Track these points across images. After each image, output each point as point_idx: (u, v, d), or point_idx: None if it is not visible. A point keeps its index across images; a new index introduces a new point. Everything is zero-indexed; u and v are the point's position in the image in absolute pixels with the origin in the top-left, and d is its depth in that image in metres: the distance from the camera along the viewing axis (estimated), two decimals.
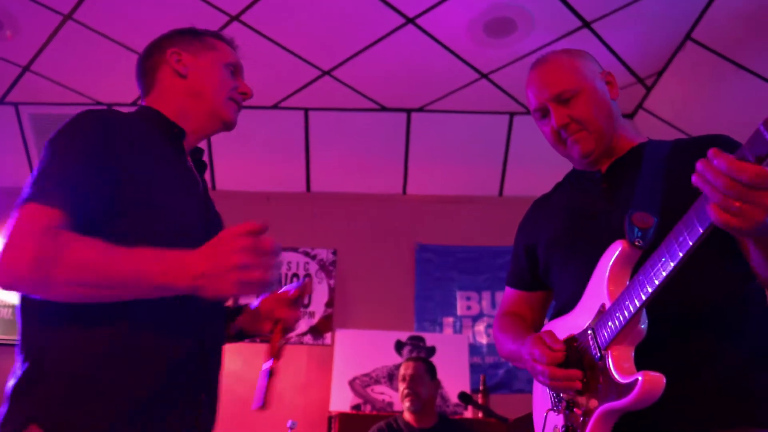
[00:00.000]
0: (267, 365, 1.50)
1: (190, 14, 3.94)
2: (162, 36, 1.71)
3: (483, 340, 4.84)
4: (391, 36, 4.10)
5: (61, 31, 4.10)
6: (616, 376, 1.38)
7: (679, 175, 1.53)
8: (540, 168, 5.01)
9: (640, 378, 1.31)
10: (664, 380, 1.30)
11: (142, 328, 1.33)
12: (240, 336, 1.70)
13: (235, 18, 3.97)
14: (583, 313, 1.55)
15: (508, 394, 4.65)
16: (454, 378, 4.55)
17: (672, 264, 1.23)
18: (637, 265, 1.44)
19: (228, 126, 1.68)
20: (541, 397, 1.69)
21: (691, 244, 1.18)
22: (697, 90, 4.33)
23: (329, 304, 4.94)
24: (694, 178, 1.11)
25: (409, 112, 4.91)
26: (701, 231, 1.15)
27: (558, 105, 1.65)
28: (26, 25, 4.04)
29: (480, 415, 4.31)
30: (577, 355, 1.52)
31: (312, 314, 4.90)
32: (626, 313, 1.35)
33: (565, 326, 1.61)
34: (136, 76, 1.70)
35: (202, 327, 1.45)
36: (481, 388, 4.56)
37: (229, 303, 1.70)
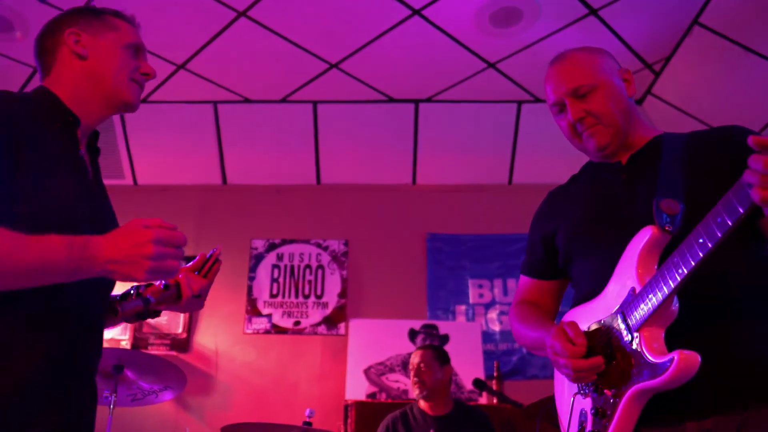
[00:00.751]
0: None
1: (197, 10, 3.97)
2: (60, 15, 1.66)
3: (496, 327, 4.88)
4: (398, 27, 4.12)
5: None
6: (648, 356, 1.41)
7: (700, 165, 1.60)
8: (549, 156, 5.05)
9: (675, 356, 1.34)
10: (699, 358, 1.33)
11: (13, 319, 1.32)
12: (147, 303, 1.54)
13: (242, 14, 4.00)
14: (611, 297, 1.58)
15: (522, 380, 4.69)
16: (468, 365, 4.59)
17: (710, 244, 1.27)
18: (665, 250, 1.47)
19: (130, 107, 1.64)
20: (565, 382, 1.72)
21: (730, 224, 1.21)
22: (705, 74, 4.32)
23: (342, 295, 4.99)
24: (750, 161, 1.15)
25: (417, 102, 4.93)
26: (741, 211, 1.19)
27: (575, 99, 1.70)
28: (36, 26, 4.07)
29: (495, 401, 4.36)
30: (605, 338, 1.55)
31: (325, 305, 4.95)
32: (660, 295, 1.39)
33: (590, 312, 1.64)
34: (34, 55, 1.64)
35: (76, 318, 1.45)
36: (495, 374, 4.61)
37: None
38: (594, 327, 1.60)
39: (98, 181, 1.63)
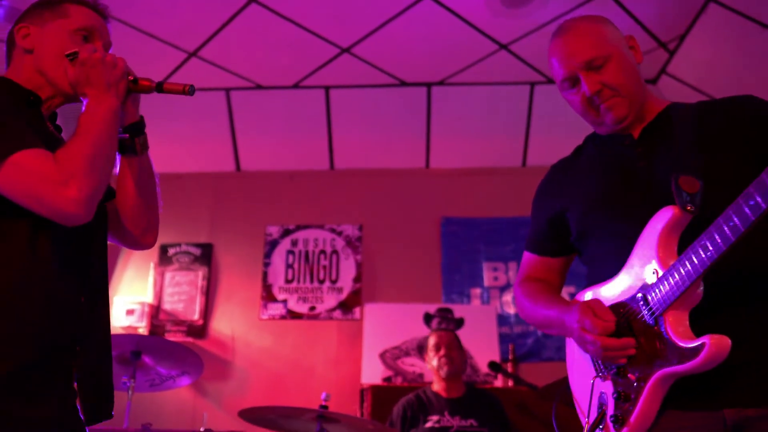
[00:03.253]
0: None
1: None
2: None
3: (511, 310, 4.87)
4: (409, 11, 4.09)
5: None
6: (677, 341, 1.38)
7: (714, 138, 1.55)
8: (562, 137, 4.98)
9: (707, 341, 1.31)
10: (730, 342, 1.31)
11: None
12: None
13: (253, 0, 3.99)
14: (630, 279, 1.54)
15: (537, 362, 4.69)
16: (483, 348, 4.60)
17: (742, 228, 1.23)
18: (684, 231, 1.44)
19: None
20: (582, 364, 1.69)
21: (765, 207, 1.18)
22: (721, 52, 4.26)
23: (357, 280, 5.00)
24: None
25: (429, 86, 4.91)
26: None
27: (589, 72, 1.63)
28: None
29: (510, 383, 4.37)
30: (625, 321, 1.52)
31: (340, 290, 4.97)
32: (687, 278, 1.35)
33: (609, 293, 1.60)
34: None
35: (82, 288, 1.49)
36: (510, 357, 4.61)
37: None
38: (614, 308, 1.56)
39: None
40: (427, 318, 4.78)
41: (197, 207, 5.25)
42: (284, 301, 4.95)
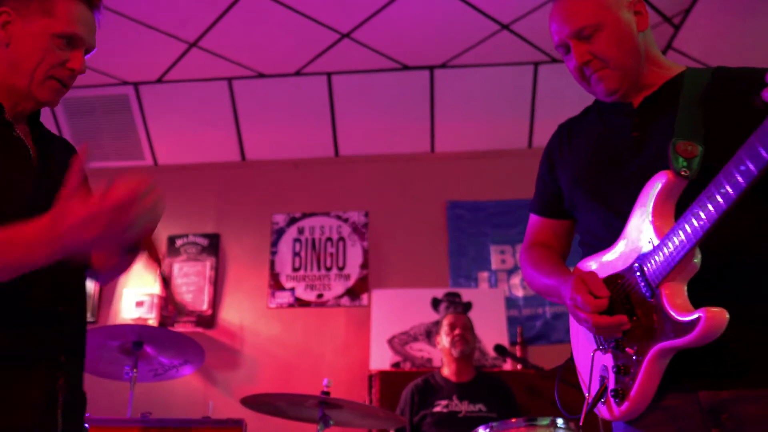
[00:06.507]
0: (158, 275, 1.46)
1: None
2: None
3: (519, 293, 4.84)
4: None
5: None
6: (673, 314, 1.33)
7: (724, 105, 1.48)
8: (568, 116, 4.95)
9: (702, 315, 1.27)
10: (727, 315, 1.26)
11: None
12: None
13: None
14: (625, 249, 1.50)
15: (546, 345, 4.66)
16: (491, 332, 4.58)
17: (734, 194, 1.18)
18: (682, 197, 1.39)
19: (47, 104, 1.52)
20: (583, 337, 1.66)
21: (756, 172, 1.13)
22: (727, 25, 4.18)
23: (364, 266, 4.99)
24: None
25: (431, 69, 4.86)
26: (767, 158, 1.10)
27: (579, 41, 1.58)
28: None
29: (519, 367, 4.34)
30: (622, 293, 1.47)
31: (348, 277, 4.96)
32: (681, 248, 1.30)
33: (605, 264, 1.55)
34: None
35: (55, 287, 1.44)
36: (518, 340, 4.58)
37: None
38: (611, 279, 1.50)
39: (46, 163, 1.50)
40: (435, 303, 4.76)
41: (203, 197, 5.26)
42: (292, 290, 4.96)
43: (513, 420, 2.97)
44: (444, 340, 3.89)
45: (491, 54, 4.67)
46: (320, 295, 4.93)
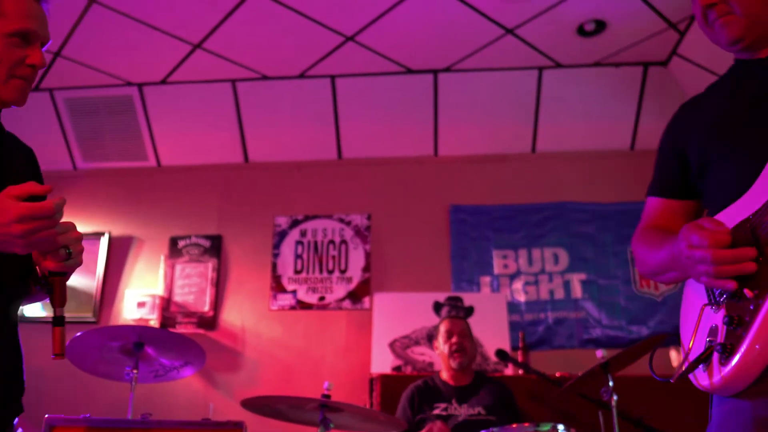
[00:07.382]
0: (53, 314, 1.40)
1: None
2: None
3: (521, 297, 4.83)
4: None
5: (87, 15, 4.17)
6: None
7: None
8: (573, 122, 4.95)
9: None
10: None
11: None
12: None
13: None
14: (757, 196, 1.34)
15: (548, 350, 4.65)
16: (493, 337, 4.56)
17: None
18: None
19: (14, 104, 1.52)
20: (695, 306, 1.46)
21: None
22: None
23: (366, 269, 4.98)
24: None
25: (435, 72, 4.87)
26: None
27: None
28: (53, 12, 4.09)
29: (520, 372, 4.33)
30: (750, 232, 1.30)
31: (350, 280, 4.96)
32: None
33: (732, 214, 1.38)
34: None
35: None
36: (520, 345, 4.57)
37: None
38: (738, 226, 1.34)
39: (2, 167, 1.51)
40: (437, 307, 4.75)
41: (206, 199, 5.26)
42: (294, 292, 4.95)
43: (514, 426, 2.96)
44: (442, 346, 3.86)
45: (495, 58, 4.67)
46: (322, 298, 4.93)
